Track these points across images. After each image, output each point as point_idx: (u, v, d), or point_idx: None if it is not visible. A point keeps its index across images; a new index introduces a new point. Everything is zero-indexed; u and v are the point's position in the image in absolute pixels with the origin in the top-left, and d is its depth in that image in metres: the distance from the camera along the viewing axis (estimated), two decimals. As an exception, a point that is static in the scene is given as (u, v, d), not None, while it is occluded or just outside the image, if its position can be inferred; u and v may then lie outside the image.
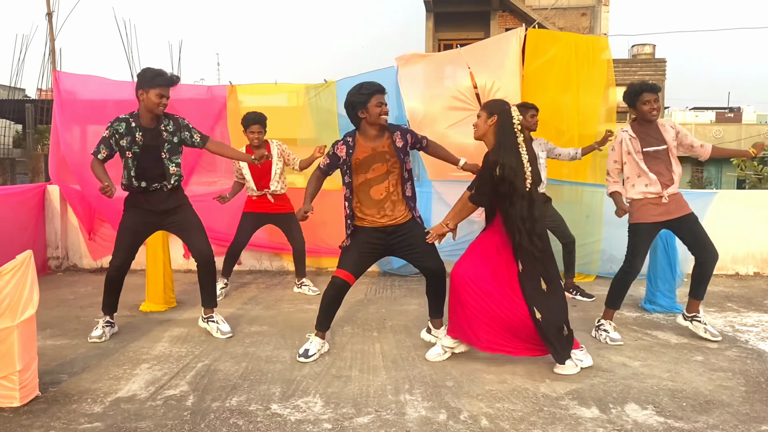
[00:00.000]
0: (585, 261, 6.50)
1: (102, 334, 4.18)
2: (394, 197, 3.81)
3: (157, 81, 3.86)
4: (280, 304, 5.30)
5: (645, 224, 4.18)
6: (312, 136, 6.78)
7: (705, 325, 4.25)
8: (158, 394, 3.23)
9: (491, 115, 3.54)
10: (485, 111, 3.59)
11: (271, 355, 3.87)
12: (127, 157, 4.00)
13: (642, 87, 4.15)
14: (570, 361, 3.53)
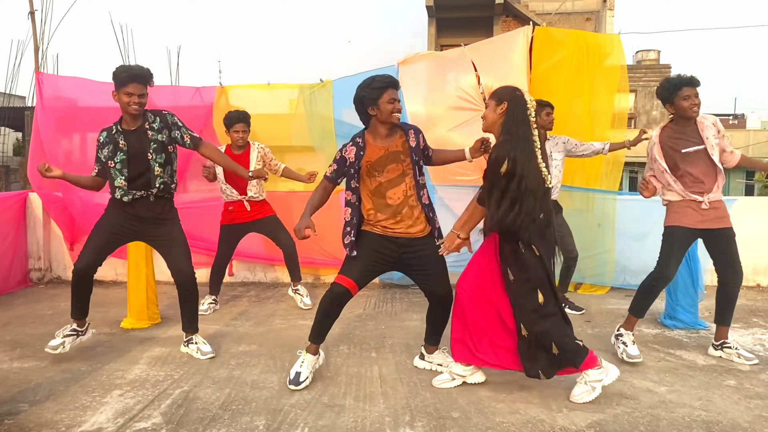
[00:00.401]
0: (597, 272, 6.14)
1: (60, 344, 3.81)
2: (412, 202, 3.42)
3: (122, 79, 3.54)
4: (271, 320, 4.93)
5: (681, 228, 3.81)
6: (308, 143, 6.43)
7: (737, 350, 3.90)
8: (127, 427, 2.86)
9: (500, 103, 3.14)
10: (494, 99, 3.18)
11: (257, 380, 3.50)
12: (110, 168, 3.69)
13: (681, 80, 3.79)
14: (584, 386, 3.16)
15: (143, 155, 3.65)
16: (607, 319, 4.98)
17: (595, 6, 21.70)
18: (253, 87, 6.25)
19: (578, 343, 3.15)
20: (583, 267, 6.13)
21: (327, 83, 6.08)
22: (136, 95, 3.56)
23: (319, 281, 6.53)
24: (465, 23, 21.60)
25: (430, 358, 3.75)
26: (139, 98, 3.58)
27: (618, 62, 6.03)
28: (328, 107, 6.10)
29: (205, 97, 6.16)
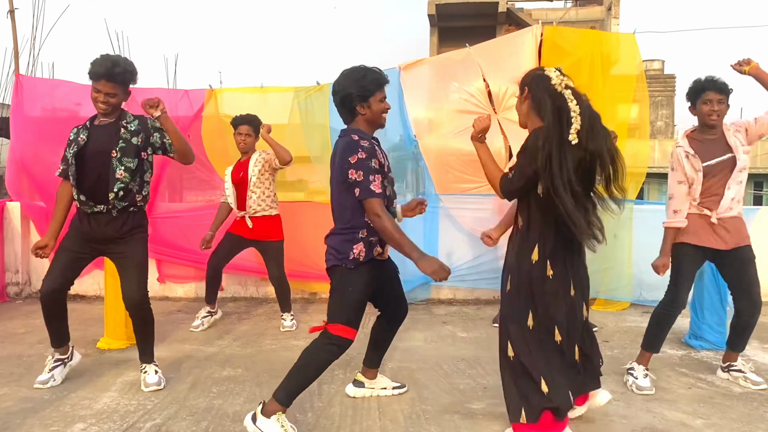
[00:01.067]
0: (613, 286, 5.75)
1: (48, 378, 3.45)
2: None
3: (91, 73, 3.22)
4: (261, 340, 4.53)
5: (689, 246, 3.42)
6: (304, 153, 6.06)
7: (744, 374, 3.53)
8: (83, 470, 2.46)
9: (522, 90, 2.74)
10: (520, 88, 2.78)
11: (240, 411, 3.09)
12: (69, 165, 3.33)
13: (706, 83, 3.41)
14: None
15: (105, 153, 3.27)
16: (627, 339, 4.60)
17: (599, 15, 21.46)
18: (245, 90, 5.89)
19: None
20: (598, 281, 5.74)
21: (324, 87, 5.72)
22: (102, 93, 3.24)
23: (315, 297, 6.13)
24: (467, 32, 21.33)
25: (372, 383, 3.33)
26: (105, 97, 3.24)
27: (633, 66, 5.68)
28: (324, 113, 5.73)
29: (193, 101, 5.79)
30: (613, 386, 3.46)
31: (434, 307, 5.81)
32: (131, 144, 3.31)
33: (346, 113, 2.93)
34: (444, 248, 5.82)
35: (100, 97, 3.24)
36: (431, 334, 4.74)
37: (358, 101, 2.86)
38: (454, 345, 4.42)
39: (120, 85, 3.28)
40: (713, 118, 3.39)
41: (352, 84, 2.85)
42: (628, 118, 5.81)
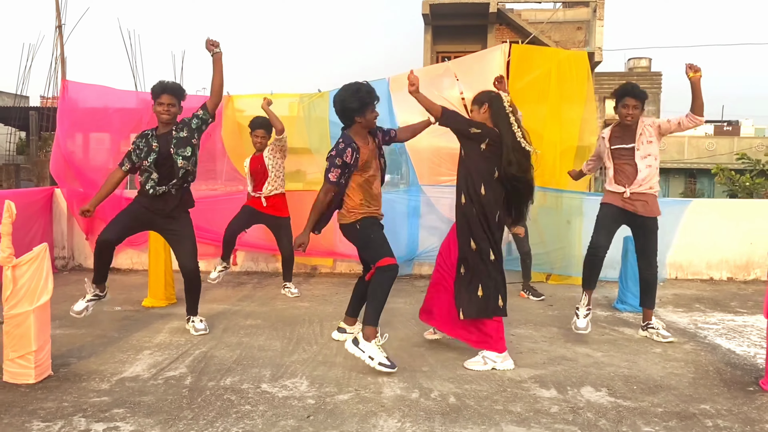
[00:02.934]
0: (566, 263, 6.84)
1: (84, 309, 4.40)
2: (379, 189, 4.10)
3: (155, 91, 4.25)
4: (273, 302, 5.63)
5: (609, 204, 4.50)
6: (305, 145, 7.13)
7: (657, 330, 4.51)
8: (159, 375, 3.56)
9: (482, 105, 3.83)
10: (476, 104, 3.88)
11: (263, 345, 4.20)
12: (143, 166, 4.29)
13: (625, 90, 4.37)
14: (479, 359, 3.74)
15: (168, 153, 4.29)
16: (568, 305, 5.67)
17: (585, 16, 22.40)
18: (257, 96, 6.94)
19: (500, 304, 3.80)
20: (553, 259, 6.85)
21: (324, 94, 6.79)
22: (166, 104, 4.23)
23: (316, 271, 7.22)
24: (460, 31, 22.32)
25: (352, 329, 4.32)
26: (168, 107, 4.23)
27: (584, 77, 6.75)
28: (324, 114, 6.80)
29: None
30: (546, 333, 4.58)
31: (416, 281, 6.91)
32: (181, 138, 4.35)
33: (346, 120, 3.93)
34: (424, 229, 6.90)
35: (163, 108, 4.23)
36: (410, 299, 5.83)
37: (357, 113, 3.85)
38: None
39: (176, 97, 4.30)
40: (628, 120, 4.38)
41: (351, 99, 3.82)
42: (579, 119, 6.86)
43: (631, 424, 2.95)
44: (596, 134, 7.49)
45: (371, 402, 3.17)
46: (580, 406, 3.17)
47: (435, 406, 3.13)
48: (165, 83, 4.30)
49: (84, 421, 2.90)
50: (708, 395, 3.34)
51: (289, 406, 3.11)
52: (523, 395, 3.30)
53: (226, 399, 3.19)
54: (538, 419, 2.99)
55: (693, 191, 22.21)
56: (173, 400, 3.16)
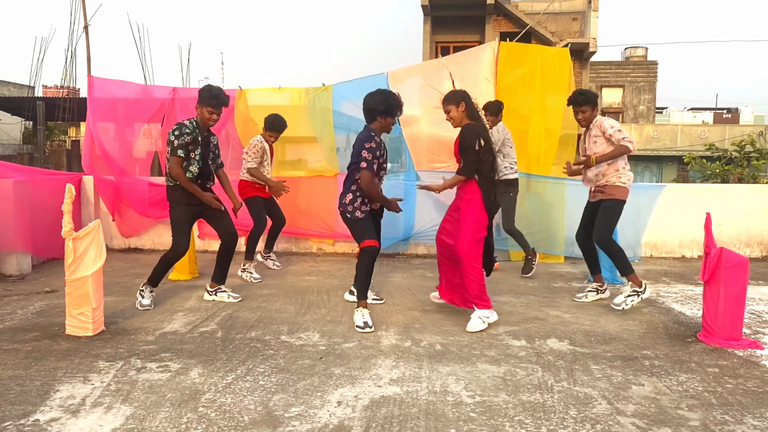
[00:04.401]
0: (549, 244, 7.52)
1: (150, 303, 4.90)
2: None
3: (209, 101, 4.67)
4: (284, 276, 6.32)
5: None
6: (311, 134, 7.79)
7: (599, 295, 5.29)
8: (195, 330, 4.24)
9: (459, 104, 4.43)
10: (452, 104, 4.44)
11: (279, 308, 4.89)
12: (191, 157, 4.73)
13: (571, 99, 5.05)
14: (477, 320, 4.32)
15: (207, 156, 4.85)
16: (548, 278, 6.35)
17: (581, 6, 22.96)
18: (266, 90, 7.61)
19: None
20: (538, 240, 7.51)
21: (328, 87, 7.44)
22: (215, 114, 4.77)
23: (322, 250, 7.90)
24: (458, 21, 22.90)
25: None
26: (217, 116, 4.79)
27: (566, 73, 7.38)
28: (328, 106, 7.46)
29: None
30: (525, 300, 5.27)
31: (412, 259, 7.59)
32: (215, 153, 4.98)
33: (369, 118, 4.51)
34: (420, 212, 7.57)
35: (213, 117, 4.73)
36: (407, 274, 6.52)
37: (380, 114, 4.47)
38: (422, 280, 6.20)
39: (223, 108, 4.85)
40: (582, 123, 5.08)
41: (382, 103, 4.43)
42: (562, 109, 7.50)
43: (583, 363, 3.63)
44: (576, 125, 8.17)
45: (372, 348, 3.85)
46: (543, 351, 3.85)
47: (423, 351, 3.82)
48: (219, 94, 4.73)
49: (139, 361, 3.59)
50: (651, 344, 4.02)
51: (305, 351, 3.79)
52: (498, 344, 3.98)
53: (252, 346, 3.87)
54: (507, 360, 3.67)
55: (685, 178, 22.83)
56: (209, 347, 3.85)
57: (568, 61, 7.43)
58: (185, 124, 4.74)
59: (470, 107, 4.46)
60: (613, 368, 3.56)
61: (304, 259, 7.41)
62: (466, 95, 4.50)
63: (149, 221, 7.80)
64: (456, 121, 4.52)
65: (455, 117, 4.51)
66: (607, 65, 30.70)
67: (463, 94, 4.52)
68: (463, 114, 4.47)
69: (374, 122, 4.51)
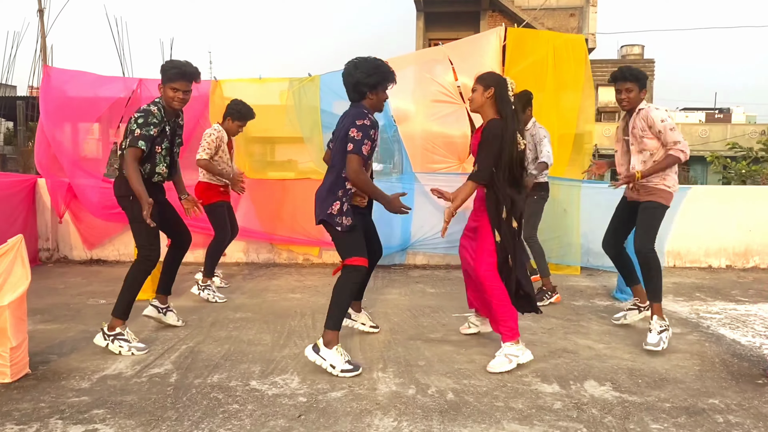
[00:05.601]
0: (563, 253, 6.71)
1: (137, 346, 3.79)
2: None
3: (170, 75, 3.77)
4: (264, 294, 5.47)
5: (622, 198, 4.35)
6: (296, 132, 6.94)
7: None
8: (143, 372, 3.39)
9: (488, 88, 3.58)
10: (481, 84, 3.60)
11: (253, 339, 4.04)
12: (156, 153, 3.86)
13: (613, 75, 4.10)
14: (502, 358, 3.46)
15: (173, 146, 4.00)
16: (566, 294, 5.53)
17: (578, 2, 22.21)
18: (245, 81, 6.75)
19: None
20: (549, 248, 6.67)
21: (315, 78, 6.60)
22: (181, 91, 3.80)
23: (308, 261, 7.05)
24: (452, 18, 22.09)
25: (356, 316, 4.17)
26: (183, 94, 3.85)
27: (582, 62, 6.58)
28: (315, 100, 6.62)
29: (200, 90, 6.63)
30: (545, 324, 4.44)
31: (410, 270, 6.76)
32: (181, 128, 4.11)
33: (356, 95, 3.53)
34: (418, 219, 6.74)
35: (178, 95, 3.78)
36: (405, 290, 5.69)
37: (370, 89, 3.51)
38: (423, 297, 5.37)
39: (191, 83, 3.89)
40: (624, 105, 4.09)
41: (371, 73, 3.47)
42: (577, 106, 6.71)
43: (639, 420, 2.81)
44: (592, 122, 7.36)
45: (365, 399, 3.02)
46: (584, 401, 3.03)
47: (432, 403, 2.99)
48: (183, 66, 3.83)
49: (61, 423, 2.73)
50: (716, 389, 3.21)
51: (279, 404, 2.95)
52: (525, 390, 3.15)
53: (212, 398, 3.02)
54: (541, 416, 2.85)
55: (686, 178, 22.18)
56: (157, 399, 2.99)
57: (583, 49, 6.63)
58: (151, 110, 3.79)
59: (501, 98, 3.56)
60: (679, 428, 2.75)
61: (288, 272, 6.57)
62: (502, 84, 3.59)
63: (114, 228, 6.92)
64: (474, 104, 3.66)
65: (476, 100, 3.64)
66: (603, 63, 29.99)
67: (498, 80, 3.62)
68: (487, 101, 3.59)
69: (364, 100, 3.58)
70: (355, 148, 3.38)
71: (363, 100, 3.58)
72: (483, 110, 3.65)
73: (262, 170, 7.23)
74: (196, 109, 6.55)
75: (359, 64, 3.53)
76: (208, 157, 5.18)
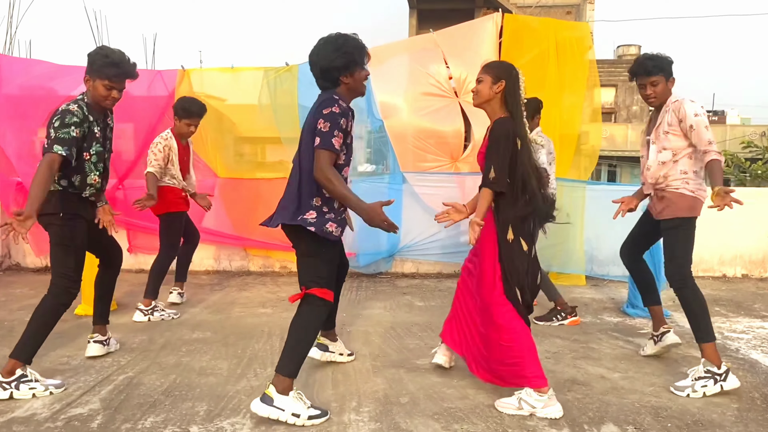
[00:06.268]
0: (566, 261, 6.12)
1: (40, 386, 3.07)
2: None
3: (106, 71, 3.14)
4: (231, 308, 4.84)
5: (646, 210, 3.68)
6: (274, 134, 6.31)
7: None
8: (62, 413, 2.77)
9: (498, 80, 2.98)
10: (489, 75, 3.00)
11: (206, 366, 3.42)
12: (85, 160, 3.22)
13: (634, 68, 3.48)
14: (514, 401, 2.83)
15: (105, 151, 3.36)
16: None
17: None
18: (216, 70, 6.13)
19: None
20: (551, 255, 6.10)
21: (292, 68, 5.98)
22: (116, 90, 3.21)
23: (286, 269, 6.42)
24: (446, 15, 21.49)
25: (334, 347, 3.51)
26: (118, 93, 3.25)
27: (585, 54, 5.99)
28: (292, 94, 5.99)
29: (167, 81, 6.01)
30: (549, 346, 3.84)
31: (397, 279, 6.15)
32: (111, 130, 3.45)
33: (329, 83, 2.88)
34: (407, 224, 6.14)
35: (113, 94, 3.21)
36: (391, 303, 5.07)
37: (342, 72, 2.85)
38: (410, 312, 4.76)
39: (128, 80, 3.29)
40: (652, 101, 3.47)
41: (338, 54, 2.81)
42: (581, 103, 6.13)
43: (676, 485, 2.21)
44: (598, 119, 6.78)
45: (331, 454, 2.41)
46: (604, 455, 2.43)
47: (415, 458, 2.38)
48: (122, 64, 3.19)
49: (-68, 491, 2.11)
50: (764, 436, 2.62)
51: (221, 462, 2.33)
52: (530, 440, 2.55)
53: (138, 452, 2.41)
54: (552, 479, 2.24)
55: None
56: (67, 455, 2.38)
57: (588, 39, 6.04)
58: (70, 110, 3.13)
59: (511, 93, 2.97)
60: (729, 495, 2.15)
61: (262, 281, 5.95)
62: (515, 75, 2.99)
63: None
64: (480, 98, 3.04)
65: (482, 93, 3.02)
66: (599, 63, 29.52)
67: (511, 71, 3.00)
68: (494, 95, 2.99)
69: (338, 87, 2.91)
70: (323, 142, 2.72)
71: (339, 86, 2.90)
72: (490, 106, 3.04)
73: (250, 171, 6.60)
74: (158, 101, 5.91)
75: (320, 49, 2.86)
76: (155, 170, 4.48)
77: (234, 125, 6.48)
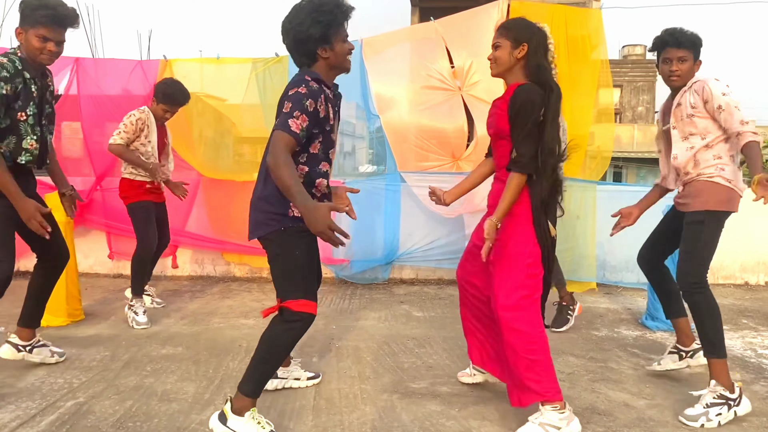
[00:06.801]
0: (577, 267, 5.66)
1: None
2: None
3: (37, 17, 2.78)
4: (210, 318, 4.40)
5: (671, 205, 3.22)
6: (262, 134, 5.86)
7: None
8: (-11, 451, 2.33)
9: (519, 44, 2.53)
10: (507, 38, 2.55)
11: (170, 390, 2.97)
12: (19, 121, 2.86)
13: (663, 38, 3.00)
14: (537, 428, 2.45)
15: (42, 114, 2.98)
16: (582, 319, 4.49)
17: (581, -3, 21.30)
18: (200, 61, 5.70)
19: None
20: (561, 261, 5.61)
21: (282, 59, 5.53)
22: (53, 41, 2.83)
23: (257, 275, 5.95)
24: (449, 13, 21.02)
25: (285, 372, 3.03)
26: (56, 46, 2.85)
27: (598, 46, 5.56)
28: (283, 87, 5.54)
29: (147, 72, 5.57)
30: (563, 365, 3.39)
31: (395, 287, 5.70)
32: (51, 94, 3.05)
33: (304, 58, 2.48)
34: (406, 227, 5.71)
35: (49, 46, 2.82)
36: (386, 313, 4.63)
37: (319, 44, 2.42)
38: (407, 324, 4.32)
39: (66, 30, 2.89)
40: (673, 81, 2.99)
41: (309, 22, 2.38)
42: (593, 102, 5.72)
43: None
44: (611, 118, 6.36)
45: None
46: None
47: None
48: (56, 6, 2.82)
49: None
50: (828, 486, 2.17)
51: None
52: (546, 490, 2.11)
53: (66, 506, 1.97)
54: None
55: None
56: None
57: (600, 25, 5.60)
58: (2, 62, 2.76)
59: (535, 56, 2.52)
60: None
61: (248, 288, 5.51)
62: (541, 36, 2.56)
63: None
64: (498, 66, 2.61)
65: (500, 59, 2.58)
66: (604, 64, 29.13)
67: (534, 31, 2.56)
68: (516, 62, 2.56)
69: (316, 63, 2.48)
70: (279, 123, 2.27)
71: (316, 62, 2.47)
72: (512, 75, 2.60)
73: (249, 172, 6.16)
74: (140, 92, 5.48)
75: (292, 18, 2.41)
76: (123, 142, 4.12)
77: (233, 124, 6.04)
